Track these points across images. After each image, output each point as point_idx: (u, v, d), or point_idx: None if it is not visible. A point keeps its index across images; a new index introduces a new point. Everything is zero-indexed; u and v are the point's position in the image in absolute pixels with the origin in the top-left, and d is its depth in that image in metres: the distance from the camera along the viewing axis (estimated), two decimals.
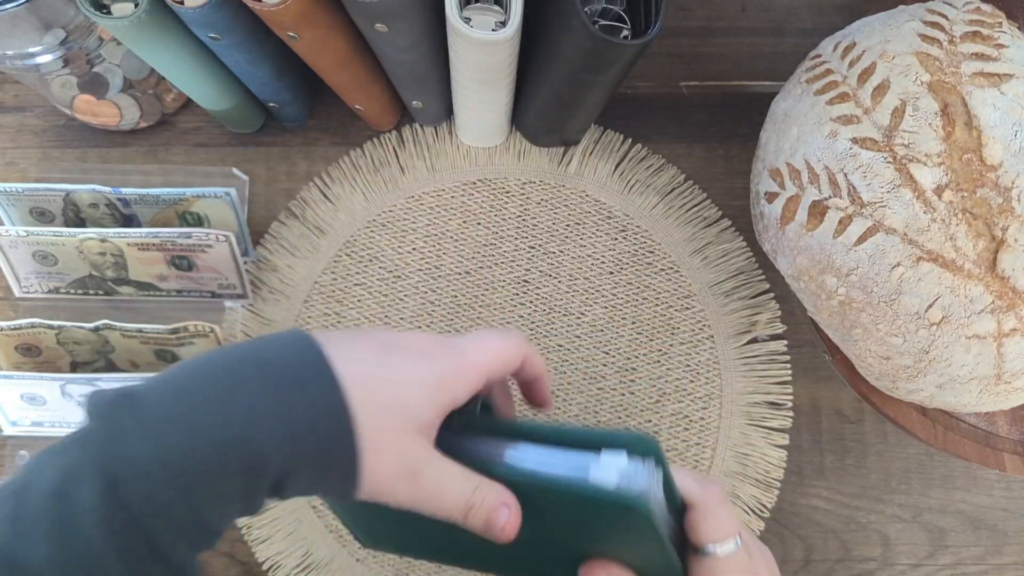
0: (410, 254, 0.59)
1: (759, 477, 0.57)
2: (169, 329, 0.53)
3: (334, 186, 0.60)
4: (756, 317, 0.59)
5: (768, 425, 0.57)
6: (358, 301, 0.59)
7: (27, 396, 0.54)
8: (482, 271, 0.59)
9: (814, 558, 0.57)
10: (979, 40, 0.44)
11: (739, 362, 0.58)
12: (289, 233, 0.59)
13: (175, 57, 0.48)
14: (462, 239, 0.60)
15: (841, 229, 0.43)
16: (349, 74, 0.51)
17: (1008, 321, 0.41)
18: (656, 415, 0.57)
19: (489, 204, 0.60)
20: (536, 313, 0.59)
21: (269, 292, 0.59)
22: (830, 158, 0.44)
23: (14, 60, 0.51)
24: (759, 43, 0.63)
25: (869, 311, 0.44)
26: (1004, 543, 0.57)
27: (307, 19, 0.44)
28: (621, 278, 0.59)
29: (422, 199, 0.60)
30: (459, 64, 0.47)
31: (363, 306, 0.59)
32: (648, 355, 0.58)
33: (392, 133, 0.61)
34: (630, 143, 0.62)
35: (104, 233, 0.54)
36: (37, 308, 0.57)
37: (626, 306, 0.59)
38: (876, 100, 0.43)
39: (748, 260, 0.60)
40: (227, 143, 0.61)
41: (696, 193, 0.61)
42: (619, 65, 0.46)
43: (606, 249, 0.60)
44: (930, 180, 0.41)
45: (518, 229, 0.60)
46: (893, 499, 0.58)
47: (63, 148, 0.61)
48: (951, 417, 0.52)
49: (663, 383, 0.58)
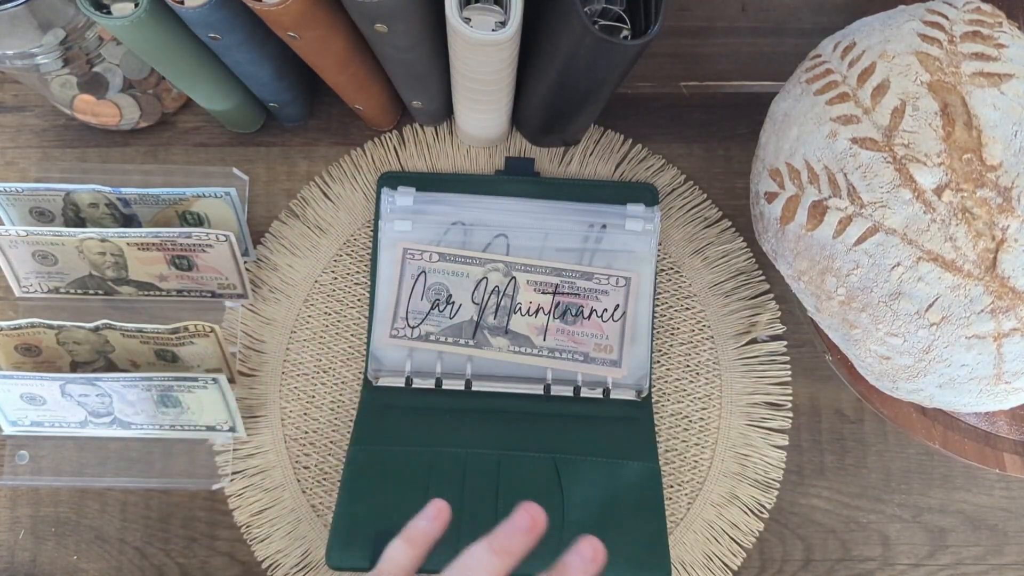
0: None
1: (758, 477, 0.57)
2: (169, 329, 0.53)
3: (335, 185, 0.60)
4: (756, 317, 0.59)
5: (768, 425, 0.57)
6: (358, 300, 0.59)
7: (27, 396, 0.54)
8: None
9: (814, 558, 0.57)
10: (979, 40, 0.44)
11: (739, 362, 0.58)
12: (289, 232, 0.60)
13: (175, 57, 0.48)
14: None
15: (841, 229, 0.43)
16: (349, 74, 0.51)
17: (1008, 321, 0.41)
18: (656, 415, 0.57)
19: None
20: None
21: (269, 291, 0.59)
22: (830, 158, 0.44)
23: (14, 60, 0.51)
24: (759, 43, 0.63)
25: (869, 311, 0.44)
26: (1004, 543, 0.57)
27: (307, 19, 0.44)
28: None
29: None
30: (459, 64, 0.47)
31: (363, 305, 0.59)
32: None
33: (392, 133, 0.61)
34: (630, 143, 0.62)
35: (104, 233, 0.54)
36: (37, 308, 0.57)
37: None
38: (876, 100, 0.43)
39: (748, 260, 0.60)
40: (227, 143, 0.61)
41: (696, 193, 0.61)
42: (619, 65, 0.46)
43: None
44: (930, 180, 0.41)
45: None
46: (893, 499, 0.58)
47: (63, 148, 0.61)
48: (951, 417, 0.52)
49: (663, 383, 0.58)
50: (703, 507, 0.56)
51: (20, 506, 0.57)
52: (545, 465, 0.53)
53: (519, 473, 0.53)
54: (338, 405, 0.57)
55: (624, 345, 0.56)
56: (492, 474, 0.53)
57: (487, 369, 0.56)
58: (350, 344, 0.58)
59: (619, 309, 0.56)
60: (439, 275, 0.56)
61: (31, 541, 0.56)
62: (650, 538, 0.52)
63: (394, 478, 0.53)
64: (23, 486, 0.57)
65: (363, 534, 0.51)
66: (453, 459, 0.53)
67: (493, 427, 0.55)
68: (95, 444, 0.57)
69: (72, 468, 0.57)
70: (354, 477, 0.53)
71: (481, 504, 0.52)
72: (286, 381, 0.58)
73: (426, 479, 0.53)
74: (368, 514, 0.52)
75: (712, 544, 0.56)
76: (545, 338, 0.56)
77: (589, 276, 0.57)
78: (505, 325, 0.56)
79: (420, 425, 0.55)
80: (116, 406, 0.54)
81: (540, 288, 0.56)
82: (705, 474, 0.57)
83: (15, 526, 0.56)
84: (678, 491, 0.57)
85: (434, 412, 0.56)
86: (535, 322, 0.56)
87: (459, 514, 0.52)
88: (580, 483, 0.53)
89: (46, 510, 0.57)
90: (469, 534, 0.51)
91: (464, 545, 0.51)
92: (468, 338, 0.56)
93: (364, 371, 0.57)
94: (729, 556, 0.56)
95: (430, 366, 0.56)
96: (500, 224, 0.57)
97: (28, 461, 0.57)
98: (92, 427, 0.55)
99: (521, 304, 0.56)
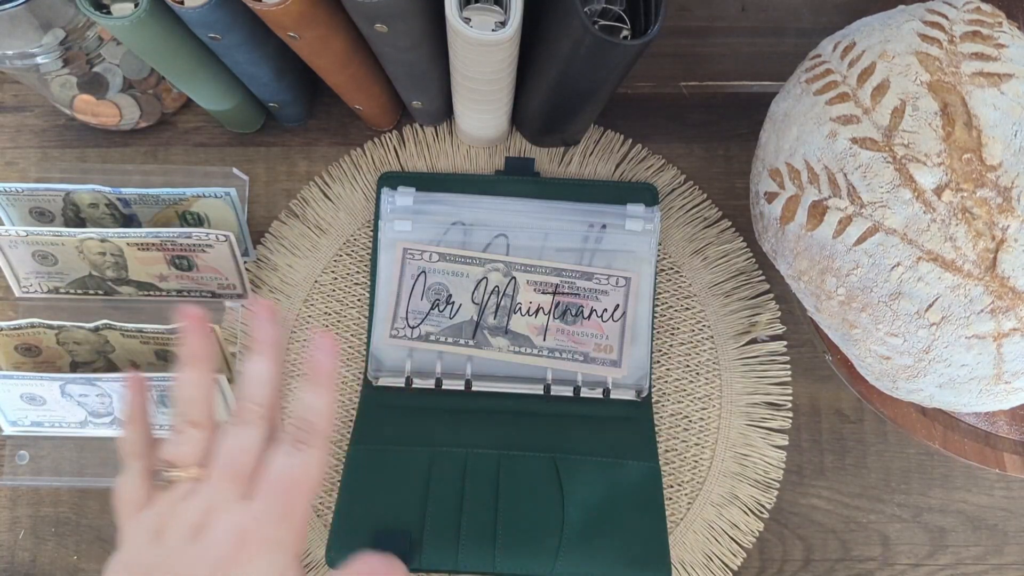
0: None
1: (758, 477, 0.57)
2: (169, 329, 0.53)
3: (335, 185, 0.60)
4: (756, 317, 0.59)
5: (768, 425, 0.57)
6: (358, 300, 0.59)
7: (27, 396, 0.54)
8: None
9: (814, 558, 0.57)
10: (979, 40, 0.44)
11: (739, 362, 0.58)
12: (289, 232, 0.60)
13: (175, 57, 0.48)
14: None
15: (841, 229, 0.43)
16: (349, 74, 0.51)
17: (1008, 321, 0.41)
18: (656, 415, 0.57)
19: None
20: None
21: (269, 291, 0.59)
22: (830, 158, 0.44)
23: (14, 60, 0.51)
24: (759, 43, 0.63)
25: (869, 311, 0.44)
26: (1004, 543, 0.57)
27: (307, 19, 0.44)
28: None
29: None
30: (459, 64, 0.47)
31: (363, 305, 0.59)
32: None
33: (392, 133, 0.61)
34: (630, 143, 0.62)
35: (104, 233, 0.54)
36: (37, 308, 0.57)
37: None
38: (876, 100, 0.43)
39: (748, 260, 0.60)
40: (227, 143, 0.61)
41: (696, 193, 0.61)
42: (619, 65, 0.46)
43: None
44: (930, 180, 0.41)
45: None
46: (893, 499, 0.58)
47: (63, 148, 0.61)
48: (951, 417, 0.52)
49: (663, 383, 0.58)
50: (703, 507, 0.56)
51: (20, 506, 0.57)
52: (545, 465, 0.53)
53: (519, 473, 0.53)
54: (338, 405, 0.57)
55: (624, 345, 0.56)
56: (492, 474, 0.53)
57: (487, 369, 0.56)
58: (350, 344, 0.58)
59: (619, 309, 0.56)
60: (439, 275, 0.56)
61: (31, 541, 0.56)
62: (650, 538, 0.52)
63: (394, 478, 0.53)
64: (23, 486, 0.57)
65: (363, 534, 0.51)
66: (453, 459, 0.53)
67: (493, 427, 0.55)
68: (95, 444, 0.57)
69: (72, 468, 0.57)
70: (354, 477, 0.53)
71: (481, 504, 0.52)
72: (286, 381, 0.58)
73: (426, 479, 0.53)
74: (368, 514, 0.52)
75: (712, 544, 0.56)
76: (545, 338, 0.56)
77: (589, 276, 0.57)
78: (505, 325, 0.56)
79: (420, 425, 0.55)
80: (116, 406, 0.54)
81: (540, 288, 0.56)
82: (705, 474, 0.57)
83: (15, 526, 0.56)
84: (678, 491, 0.57)
85: (434, 412, 0.56)
86: (535, 322, 0.56)
87: (459, 514, 0.52)
88: (580, 483, 0.53)
89: (46, 510, 0.57)
90: (469, 534, 0.51)
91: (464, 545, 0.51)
92: (468, 338, 0.56)
93: (364, 371, 0.57)
94: (729, 556, 0.56)
95: (430, 366, 0.56)
96: (500, 224, 0.57)
97: (28, 461, 0.57)
98: (92, 427, 0.55)
99: (521, 304, 0.56)
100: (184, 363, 0.37)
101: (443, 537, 0.51)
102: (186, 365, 0.37)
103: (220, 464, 0.35)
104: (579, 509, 0.52)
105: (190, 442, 0.36)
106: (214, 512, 0.33)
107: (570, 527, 0.51)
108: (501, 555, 0.51)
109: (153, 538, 0.34)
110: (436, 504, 0.52)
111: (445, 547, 0.51)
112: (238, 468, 0.35)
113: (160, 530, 0.34)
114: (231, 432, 0.35)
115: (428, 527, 0.51)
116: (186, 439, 0.36)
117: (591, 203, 0.58)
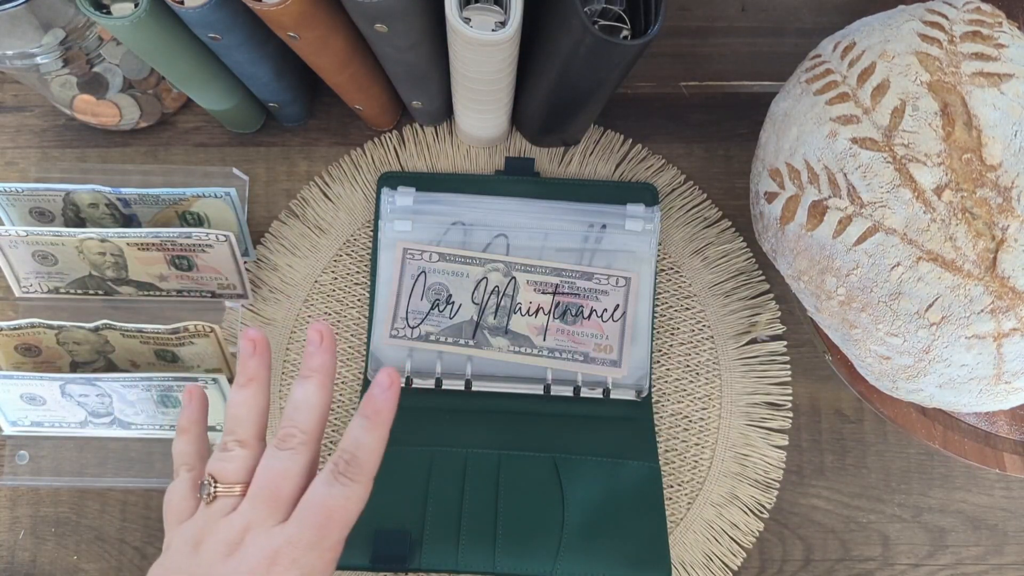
0: None
1: (758, 477, 0.57)
2: (169, 329, 0.53)
3: (335, 185, 0.60)
4: (756, 317, 0.59)
5: (768, 425, 0.57)
6: (358, 300, 0.59)
7: (27, 396, 0.54)
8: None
9: (814, 558, 0.57)
10: (979, 40, 0.44)
11: (739, 363, 0.58)
12: (289, 232, 0.60)
13: (175, 57, 0.48)
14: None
15: (841, 229, 0.43)
16: (349, 74, 0.51)
17: (1008, 321, 0.41)
18: (656, 415, 0.57)
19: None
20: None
21: (269, 292, 0.59)
22: (830, 158, 0.44)
23: (14, 60, 0.51)
24: (759, 43, 0.63)
25: (869, 311, 0.44)
26: (1004, 543, 0.57)
27: (307, 19, 0.44)
28: None
29: None
30: (459, 64, 0.47)
31: (363, 305, 0.59)
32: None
33: (392, 133, 0.61)
34: (630, 143, 0.62)
35: (104, 233, 0.54)
36: (37, 308, 0.57)
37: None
38: (876, 100, 0.43)
39: (748, 260, 0.60)
40: (227, 143, 0.61)
41: (696, 193, 0.61)
42: (619, 65, 0.46)
43: None
44: (930, 180, 0.41)
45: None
46: (893, 499, 0.58)
47: (63, 148, 0.61)
48: (951, 417, 0.52)
49: (663, 383, 0.58)
50: (703, 507, 0.56)
51: (20, 506, 0.57)
52: (545, 465, 0.53)
53: (519, 473, 0.53)
54: (338, 405, 0.57)
55: (624, 345, 0.56)
56: (492, 474, 0.53)
57: (487, 369, 0.56)
58: (350, 344, 0.58)
59: (619, 309, 0.56)
60: (439, 275, 0.56)
61: (31, 541, 0.56)
62: (650, 538, 0.52)
63: (394, 478, 0.53)
64: (23, 486, 0.57)
65: (363, 534, 0.51)
66: (453, 459, 0.53)
67: (493, 427, 0.55)
68: (95, 444, 0.57)
69: (72, 468, 0.57)
70: None
71: (481, 504, 0.52)
72: (286, 381, 0.58)
73: (426, 479, 0.53)
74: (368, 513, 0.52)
75: (712, 544, 0.56)
76: (545, 338, 0.56)
77: (589, 276, 0.57)
78: (505, 325, 0.56)
79: (420, 425, 0.55)
80: (116, 406, 0.54)
81: (540, 288, 0.56)
82: (705, 474, 0.57)
83: (15, 526, 0.56)
84: (678, 491, 0.57)
85: (434, 412, 0.56)
86: (535, 322, 0.56)
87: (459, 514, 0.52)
88: (580, 483, 0.53)
89: (46, 510, 0.57)
90: (469, 534, 0.51)
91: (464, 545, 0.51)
92: (468, 338, 0.56)
93: (364, 371, 0.57)
94: (729, 556, 0.56)
95: (430, 366, 0.56)
96: (500, 224, 0.57)
97: (28, 461, 0.57)
98: (92, 427, 0.55)
99: (521, 304, 0.56)
100: (239, 382, 0.39)
101: (443, 537, 0.51)
102: (241, 385, 0.39)
103: (259, 485, 0.36)
104: (579, 509, 0.52)
105: (236, 460, 0.37)
106: (250, 531, 0.35)
107: (570, 527, 0.51)
108: (501, 555, 0.51)
109: (192, 549, 0.36)
110: (436, 504, 0.52)
111: (445, 547, 0.51)
112: (276, 492, 0.36)
113: (199, 542, 0.36)
114: (274, 455, 0.37)
115: (428, 527, 0.51)
116: (232, 457, 0.37)
117: (591, 203, 0.58)
